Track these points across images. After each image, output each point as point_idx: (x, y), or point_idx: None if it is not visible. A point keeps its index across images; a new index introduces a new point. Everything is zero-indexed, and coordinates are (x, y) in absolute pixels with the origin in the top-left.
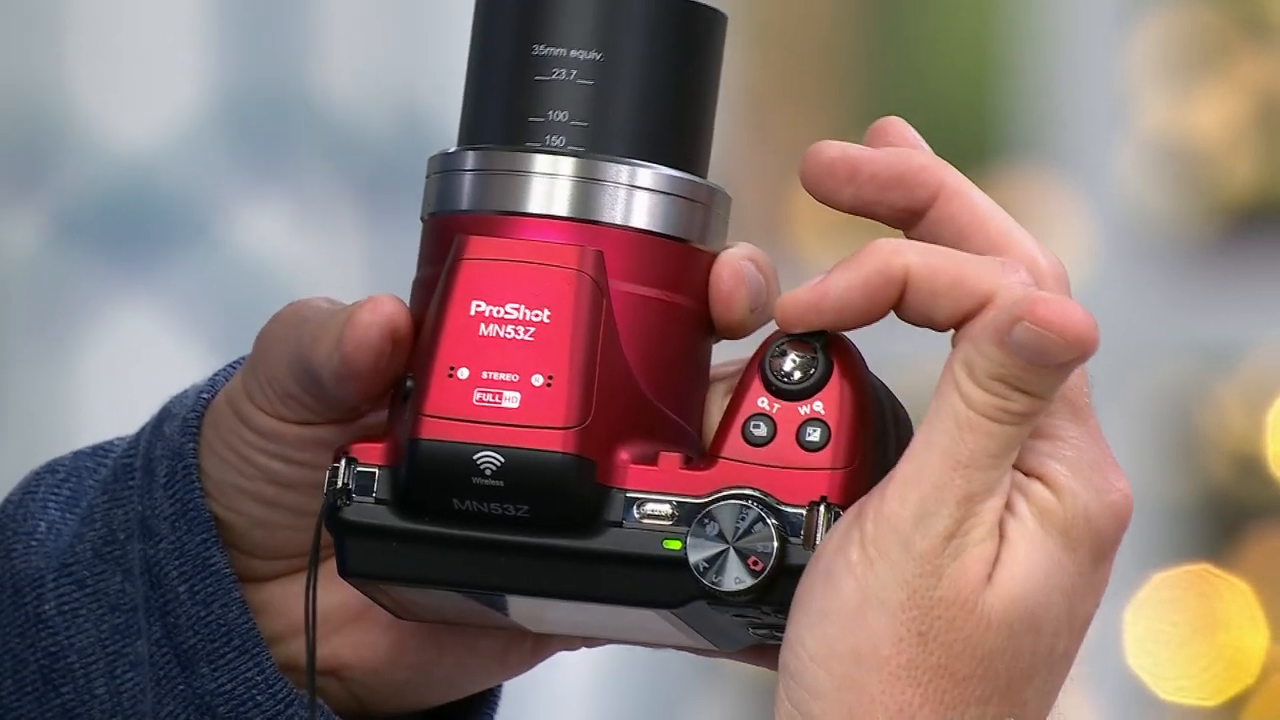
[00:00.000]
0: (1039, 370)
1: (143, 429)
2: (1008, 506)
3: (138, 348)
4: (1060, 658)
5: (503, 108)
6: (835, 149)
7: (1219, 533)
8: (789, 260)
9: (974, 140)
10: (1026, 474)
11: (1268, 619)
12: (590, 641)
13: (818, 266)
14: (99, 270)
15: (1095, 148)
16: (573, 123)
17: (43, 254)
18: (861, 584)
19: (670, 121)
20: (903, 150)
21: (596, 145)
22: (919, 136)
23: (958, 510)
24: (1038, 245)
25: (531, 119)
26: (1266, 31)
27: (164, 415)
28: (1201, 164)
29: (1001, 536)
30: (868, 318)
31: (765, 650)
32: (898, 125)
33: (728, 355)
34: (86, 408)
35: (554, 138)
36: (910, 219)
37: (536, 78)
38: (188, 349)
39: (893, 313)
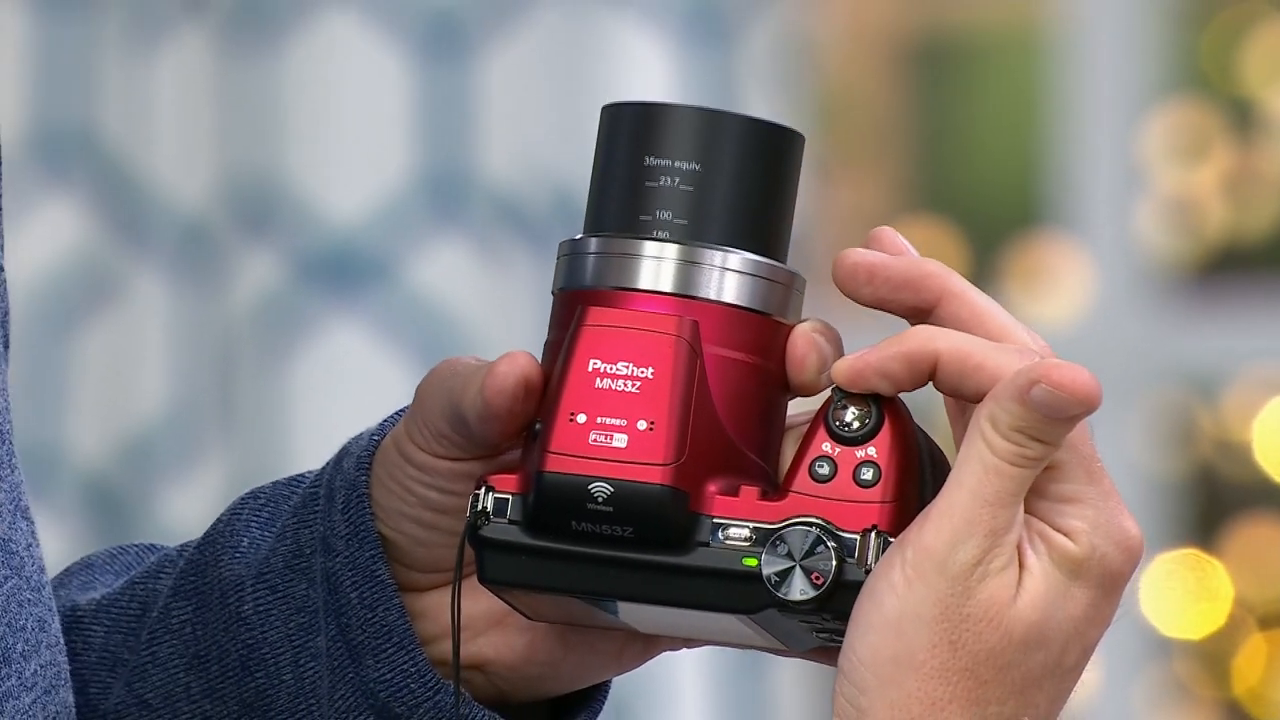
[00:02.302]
0: (1053, 422)
1: (326, 464)
2: (1034, 548)
3: (346, 365)
4: (1069, 670)
5: (620, 205)
6: (858, 255)
7: (1205, 524)
8: (848, 311)
9: (1012, 209)
10: (1055, 529)
11: (1234, 586)
12: (690, 643)
13: (874, 315)
14: (316, 306)
15: (1110, 215)
16: (676, 220)
17: (275, 291)
18: (901, 601)
19: (756, 217)
20: (915, 260)
21: (695, 236)
22: (905, 241)
23: (984, 541)
24: (1029, 334)
25: (643, 216)
26: (1244, 126)
27: (343, 454)
28: (1189, 219)
29: (1027, 570)
30: (905, 387)
31: (829, 651)
32: (889, 234)
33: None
34: (306, 408)
35: (661, 230)
36: (920, 315)
37: (648, 183)
38: (385, 368)
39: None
